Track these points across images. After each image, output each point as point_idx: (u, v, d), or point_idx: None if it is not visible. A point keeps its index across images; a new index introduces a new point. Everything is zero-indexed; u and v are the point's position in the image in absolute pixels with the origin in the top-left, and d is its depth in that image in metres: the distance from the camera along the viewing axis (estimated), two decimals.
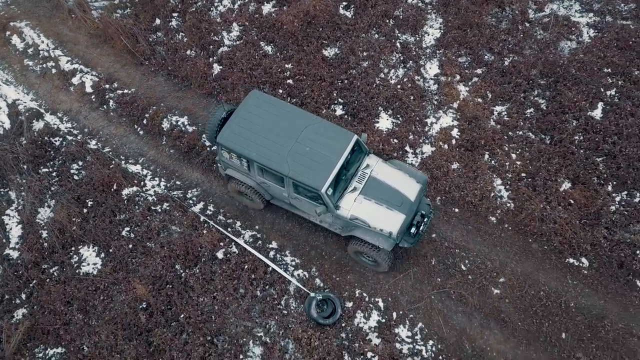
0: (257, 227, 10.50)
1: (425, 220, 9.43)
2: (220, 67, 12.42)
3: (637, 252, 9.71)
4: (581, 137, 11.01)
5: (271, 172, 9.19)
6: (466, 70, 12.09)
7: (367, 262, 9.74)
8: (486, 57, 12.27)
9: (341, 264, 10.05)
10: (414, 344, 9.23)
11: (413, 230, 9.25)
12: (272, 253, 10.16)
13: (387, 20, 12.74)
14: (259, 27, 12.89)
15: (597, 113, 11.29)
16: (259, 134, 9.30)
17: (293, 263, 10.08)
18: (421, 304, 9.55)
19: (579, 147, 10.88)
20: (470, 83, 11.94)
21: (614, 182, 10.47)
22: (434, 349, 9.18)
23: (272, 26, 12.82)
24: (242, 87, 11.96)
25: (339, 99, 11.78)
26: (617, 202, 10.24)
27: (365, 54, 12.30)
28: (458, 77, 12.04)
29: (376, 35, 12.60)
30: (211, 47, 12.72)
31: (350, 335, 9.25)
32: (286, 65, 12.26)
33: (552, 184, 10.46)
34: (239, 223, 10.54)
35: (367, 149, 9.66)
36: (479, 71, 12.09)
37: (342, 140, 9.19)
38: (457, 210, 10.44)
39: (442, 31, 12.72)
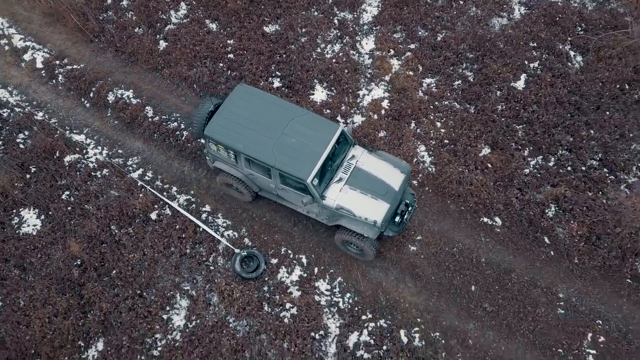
0: (192, 192, 11.07)
1: (409, 209, 9.68)
2: (166, 43, 12.97)
3: (546, 210, 10.31)
4: (503, 107, 11.60)
5: (258, 163, 9.37)
6: (400, 46, 12.67)
7: (354, 251, 9.93)
8: (420, 32, 12.85)
9: (270, 225, 10.62)
10: (332, 296, 9.81)
11: (397, 219, 9.52)
12: (204, 215, 10.74)
13: None
14: (205, 6, 13.45)
15: (520, 84, 11.90)
16: (245, 127, 9.45)
17: (224, 224, 10.65)
18: (342, 260, 10.13)
19: (500, 116, 11.48)
20: (403, 57, 12.52)
21: (531, 148, 11.07)
22: (350, 300, 9.76)
23: (217, 4, 13.38)
24: (185, 62, 12.51)
25: (277, 72, 12.35)
26: (531, 166, 10.84)
27: (304, 30, 12.87)
28: (392, 51, 12.63)
29: (315, 13, 13.18)
30: (158, 24, 13.27)
31: (272, 288, 9.84)
32: (228, 41, 12.82)
33: (471, 149, 11.06)
34: (175, 188, 11.11)
35: (352, 140, 9.85)
36: (412, 46, 12.67)
37: (328, 131, 9.38)
38: None
39: (379, 8, 13.30)
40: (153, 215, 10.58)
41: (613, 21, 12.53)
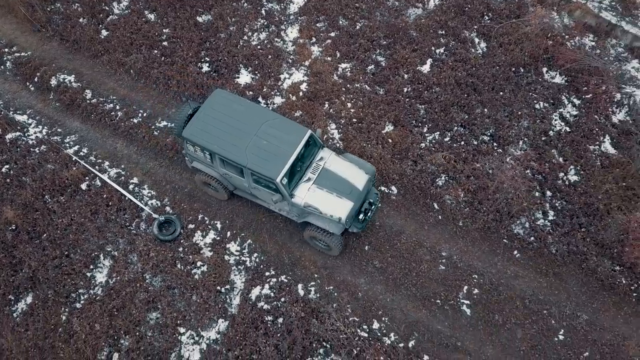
0: (122, 166, 12.22)
1: (373, 207, 10.42)
2: (107, 32, 14.10)
3: (437, 180, 11.49)
4: (409, 88, 12.79)
5: (232, 163, 10.08)
6: (321, 34, 13.85)
7: (321, 246, 10.68)
8: (340, 22, 14.03)
9: (191, 195, 11.78)
10: (241, 256, 10.98)
11: (361, 216, 10.27)
12: (132, 186, 11.88)
13: None
14: None
15: (426, 68, 13.09)
16: (221, 129, 10.15)
17: (149, 194, 11.80)
18: (253, 225, 11.29)
19: (405, 97, 12.66)
20: (323, 45, 13.69)
21: (430, 125, 12.26)
22: (257, 260, 10.93)
23: None
24: (122, 49, 13.65)
25: (206, 58, 13.50)
26: (428, 141, 12.03)
27: (233, 20, 14.03)
28: (314, 39, 13.80)
29: (245, 4, 14.33)
30: (101, 15, 14.39)
31: (186, 249, 10.99)
32: (164, 30, 13.97)
33: (375, 126, 12.23)
34: (107, 163, 12.25)
35: (322, 143, 10.61)
36: (332, 34, 13.84)
37: (297, 134, 10.11)
38: None
39: (305, 0, 14.46)
40: (83, 186, 11.72)
41: (516, 10, 13.73)
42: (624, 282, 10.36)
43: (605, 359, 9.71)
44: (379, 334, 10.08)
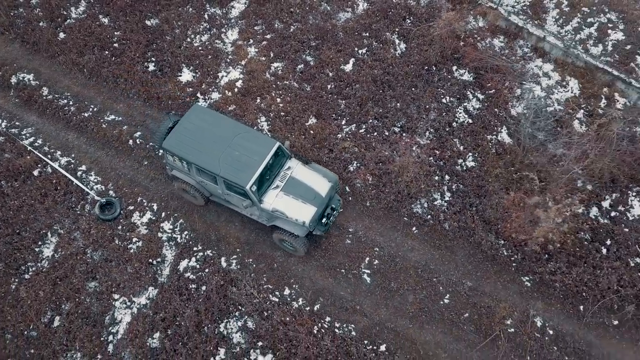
0: (72, 155, 13.69)
1: (334, 212, 11.67)
2: (64, 34, 15.57)
3: (349, 166, 12.99)
4: (332, 85, 14.29)
5: (206, 172, 11.15)
6: (258, 36, 15.35)
7: (289, 248, 11.79)
8: (276, 25, 15.53)
9: (132, 180, 13.27)
10: (173, 234, 12.47)
11: (324, 220, 11.44)
12: (80, 173, 13.37)
13: None
14: (100, 3, 16.06)
15: (349, 67, 14.59)
16: (197, 141, 11.24)
17: (95, 180, 13.28)
18: (185, 206, 12.77)
19: (329, 93, 14.16)
20: (259, 46, 15.19)
21: (347, 118, 13.77)
22: (187, 237, 12.42)
23: (109, 2, 15.99)
24: (77, 50, 15.12)
25: (152, 58, 14.99)
26: (344, 132, 13.53)
27: (178, 23, 15.52)
28: (251, 41, 15.29)
29: (190, 9, 15.82)
30: (59, 19, 15.86)
31: (124, 227, 12.47)
32: (115, 33, 15.45)
33: (300, 119, 13.73)
34: (59, 152, 13.72)
35: (289, 153, 11.75)
36: (268, 36, 15.34)
37: (266, 146, 11.21)
38: None
39: (246, 5, 15.96)
40: (35, 173, 13.20)
41: (434, 14, 15.24)
42: (504, 254, 11.87)
43: (482, 319, 11.22)
44: (288, 299, 11.58)
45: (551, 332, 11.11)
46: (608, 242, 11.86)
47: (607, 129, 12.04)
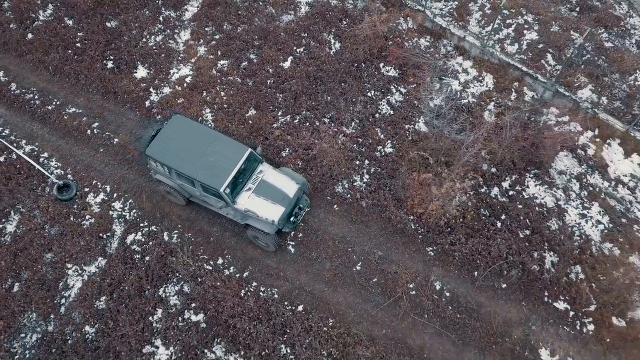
0: (37, 143, 15.31)
1: (301, 212, 13.07)
2: (32, 35, 17.21)
3: (281, 152, 14.64)
4: (272, 80, 15.95)
5: (185, 176, 12.49)
6: (208, 36, 17.01)
7: (261, 244, 13.11)
8: (225, 27, 17.20)
9: (89, 166, 14.90)
10: (122, 212, 14.11)
11: (292, 219, 12.88)
12: (42, 159, 14.99)
13: (157, 1, 17.62)
14: (66, 7, 17.71)
15: (287, 64, 16.26)
16: (177, 148, 12.52)
17: (56, 165, 14.92)
18: (134, 187, 14.42)
19: (268, 87, 15.83)
20: (208, 45, 16.85)
21: (283, 110, 15.44)
22: (134, 214, 14.06)
23: (74, 6, 17.63)
24: (42, 50, 16.76)
25: (110, 57, 16.64)
26: (279, 122, 15.20)
27: (135, 24, 17.17)
28: (201, 41, 16.96)
29: (147, 12, 17.48)
30: (28, 21, 17.51)
31: (79, 206, 14.11)
32: (78, 34, 17.10)
33: (240, 110, 15.40)
34: (24, 141, 15.35)
35: (261, 158, 13.07)
36: (217, 37, 17.01)
37: (239, 152, 12.52)
38: None
39: (198, 8, 17.62)
40: (1, 159, 14.81)
41: (365, 17, 16.92)
42: (412, 227, 13.55)
43: (388, 283, 12.89)
44: (221, 267, 13.24)
45: (448, 294, 12.79)
46: (503, 217, 13.55)
47: (499, 119, 13.72)
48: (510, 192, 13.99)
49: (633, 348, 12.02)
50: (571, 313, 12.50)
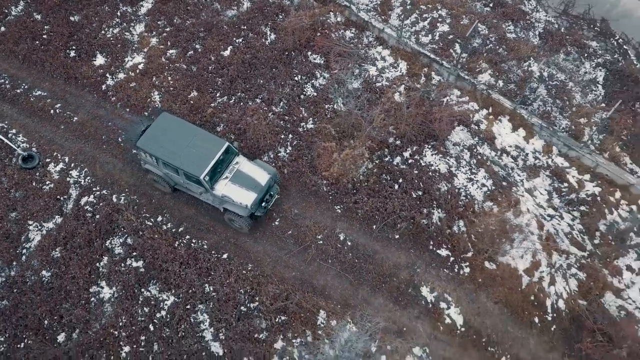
0: (6, 121, 17.68)
1: (272, 198, 14.97)
2: (4, 28, 19.56)
3: (216, 127, 17.04)
4: (213, 67, 18.36)
5: (171, 166, 14.44)
6: (160, 29, 19.42)
7: (236, 226, 15.07)
8: (175, 20, 19.60)
9: (51, 140, 17.27)
10: (78, 178, 16.48)
11: (264, 204, 14.82)
12: (10, 135, 17.35)
13: None
14: (35, 3, 20.08)
15: (227, 52, 18.68)
16: (163, 141, 14.49)
17: (22, 140, 17.28)
18: (89, 158, 16.81)
19: (209, 72, 18.24)
20: (160, 37, 19.26)
21: (221, 91, 17.85)
22: (89, 180, 16.44)
23: (42, 2, 20.02)
24: (13, 41, 19.12)
25: (73, 47, 19.03)
26: (217, 102, 17.61)
27: (96, 18, 19.57)
28: (154, 33, 19.36)
29: (106, 8, 19.87)
30: (1, 16, 19.86)
31: (41, 173, 16.47)
32: (45, 27, 19.48)
33: (184, 92, 17.80)
34: None
35: (237, 151, 15.06)
36: (168, 29, 19.41)
37: (217, 145, 14.53)
38: (128, 110, 17.70)
39: (152, 4, 20.03)
40: None
41: (293, 11, 19.33)
42: (324, 189, 15.98)
43: (300, 235, 15.31)
44: (160, 223, 15.63)
45: (349, 243, 15.22)
46: (400, 180, 15.99)
47: (390, 99, 16.19)
48: (410, 161, 16.43)
49: (499, 286, 14.46)
50: (451, 259, 14.95)
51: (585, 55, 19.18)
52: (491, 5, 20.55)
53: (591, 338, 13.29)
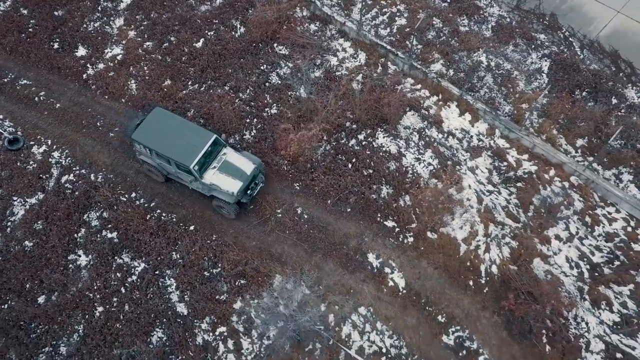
0: None
1: (257, 187, 16.29)
2: None
3: (188, 113, 18.57)
4: (186, 57, 19.89)
5: (163, 156, 15.74)
6: (138, 22, 20.94)
7: (224, 212, 16.40)
8: (152, 15, 21.13)
9: (36, 125, 18.79)
10: (60, 159, 17.99)
11: (249, 192, 16.22)
12: None
13: None
14: None
15: (200, 44, 20.21)
16: (157, 133, 15.79)
17: (9, 125, 18.79)
18: (70, 140, 18.32)
19: (182, 63, 19.76)
20: (138, 30, 20.78)
21: (192, 80, 19.37)
22: (69, 161, 17.96)
23: None
24: (0, 33, 20.61)
25: (56, 39, 20.54)
26: (188, 90, 19.13)
27: (78, 13, 21.08)
28: (132, 26, 20.88)
29: (88, 3, 21.38)
30: None
31: (25, 155, 17.98)
32: (31, 21, 20.99)
33: (158, 80, 19.32)
34: None
35: (224, 143, 16.44)
36: (145, 23, 20.93)
37: (206, 137, 15.83)
38: (107, 97, 19.21)
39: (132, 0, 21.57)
40: None
41: (258, 5, 20.86)
42: (285, 168, 17.52)
43: (261, 209, 16.85)
44: (133, 199, 17.15)
45: (306, 216, 16.77)
46: (354, 160, 17.53)
47: (347, 86, 17.71)
48: (364, 143, 17.97)
49: (439, 253, 16.01)
50: (397, 229, 16.51)
51: (533, 46, 20.72)
52: (448, 1, 22.10)
53: (515, 296, 14.83)
